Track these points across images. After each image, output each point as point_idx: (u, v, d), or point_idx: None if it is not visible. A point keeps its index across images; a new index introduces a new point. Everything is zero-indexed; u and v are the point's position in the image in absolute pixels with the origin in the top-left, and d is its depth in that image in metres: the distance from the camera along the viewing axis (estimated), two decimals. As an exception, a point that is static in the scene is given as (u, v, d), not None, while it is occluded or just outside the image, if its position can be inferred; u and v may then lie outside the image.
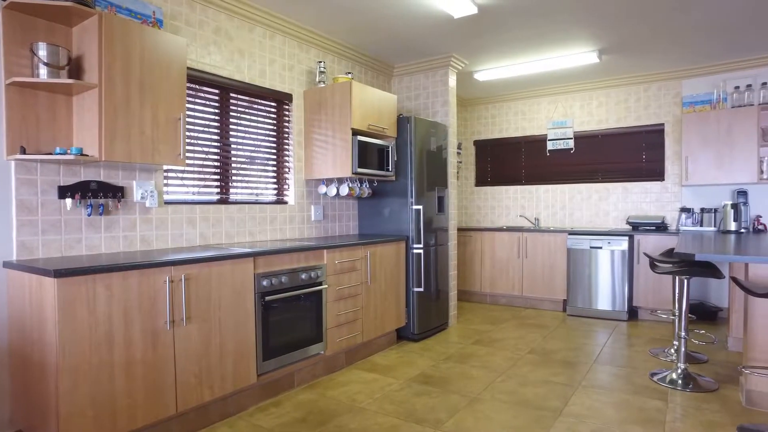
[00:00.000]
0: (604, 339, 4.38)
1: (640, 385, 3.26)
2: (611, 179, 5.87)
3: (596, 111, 5.92)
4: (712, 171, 4.97)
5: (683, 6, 3.70)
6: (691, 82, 5.37)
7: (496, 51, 4.72)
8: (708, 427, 2.64)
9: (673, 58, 5.00)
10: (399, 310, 4.22)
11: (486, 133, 6.72)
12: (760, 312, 2.86)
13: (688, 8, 3.74)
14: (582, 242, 5.30)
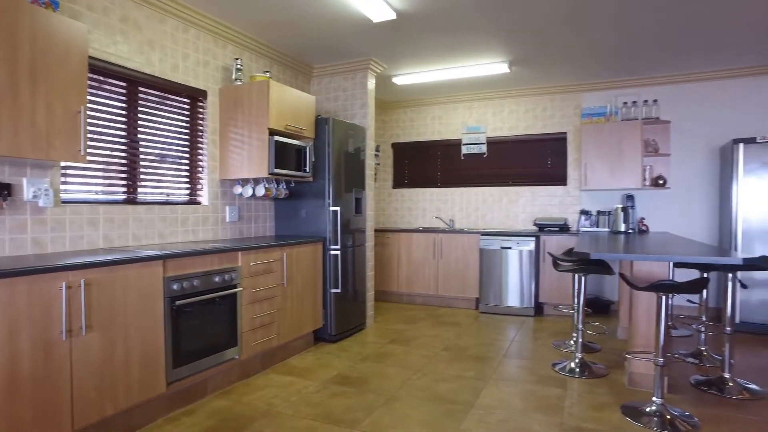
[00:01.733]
0: (513, 334, 4.65)
1: (543, 375, 3.50)
2: (520, 183, 6.23)
3: (507, 118, 6.26)
4: (606, 177, 5.44)
5: (579, 29, 4.02)
6: (589, 95, 5.85)
7: (414, 57, 4.85)
8: (598, 408, 2.89)
9: (573, 73, 5.42)
10: (316, 311, 4.21)
11: (404, 136, 6.88)
12: (643, 304, 3.18)
13: (584, 30, 4.07)
14: (493, 243, 5.58)
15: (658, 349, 2.78)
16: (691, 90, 5.46)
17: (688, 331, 4.70)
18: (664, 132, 5.42)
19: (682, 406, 2.93)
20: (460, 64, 5.10)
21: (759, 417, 2.81)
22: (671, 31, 4.14)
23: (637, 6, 3.64)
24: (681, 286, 2.65)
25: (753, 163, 4.65)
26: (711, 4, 3.61)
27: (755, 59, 4.91)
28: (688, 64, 5.11)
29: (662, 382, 2.80)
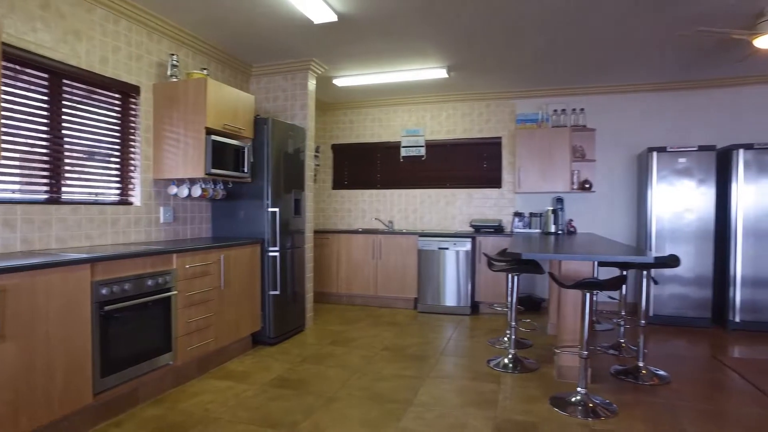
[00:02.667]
0: (450, 333, 4.79)
1: (479, 371, 3.64)
2: (458, 185, 6.42)
3: (445, 122, 6.44)
4: (538, 181, 5.72)
5: (514, 39, 4.22)
6: (523, 102, 6.13)
7: (355, 59, 4.89)
8: (529, 401, 3.05)
9: (508, 81, 5.66)
10: (254, 314, 4.14)
11: (344, 138, 6.90)
12: (570, 301, 3.39)
13: (518, 41, 4.28)
14: (431, 244, 5.71)
15: (583, 342, 2.98)
16: (613, 101, 5.86)
17: (610, 325, 5.04)
18: (590, 139, 5.77)
19: (603, 394, 3.15)
20: (400, 68, 5.19)
21: (665, 400, 3.07)
22: (596, 46, 4.43)
23: (565, 22, 3.87)
24: (603, 283, 2.86)
25: (664, 170, 5.06)
26: (629, 27, 3.90)
27: (667, 76, 5.35)
28: (611, 77, 5.49)
29: (586, 374, 2.99)
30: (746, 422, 2.78)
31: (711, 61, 4.85)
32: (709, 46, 4.35)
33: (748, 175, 4.84)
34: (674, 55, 4.67)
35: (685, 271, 5.01)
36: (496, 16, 3.79)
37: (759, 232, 4.83)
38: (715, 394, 3.21)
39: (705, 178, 4.98)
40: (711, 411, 2.94)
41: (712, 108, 5.59)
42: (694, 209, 5.00)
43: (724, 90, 5.55)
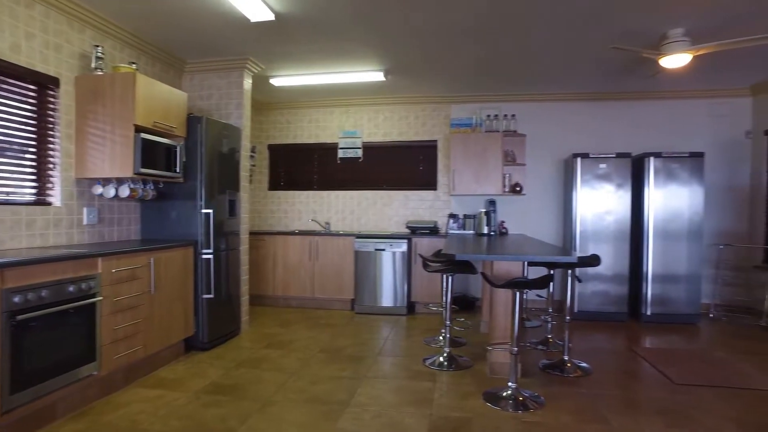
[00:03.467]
0: (387, 333, 4.85)
1: (415, 370, 3.71)
2: (394, 187, 6.51)
3: (382, 124, 6.51)
4: (472, 183, 5.92)
5: (448, 46, 4.35)
6: (458, 107, 6.32)
7: (292, 59, 4.84)
8: (463, 397, 3.15)
9: (444, 85, 5.82)
10: (187, 318, 4.00)
11: (281, 138, 6.80)
12: (501, 300, 3.54)
13: (453, 48, 4.41)
14: (368, 245, 5.76)
15: (513, 339, 3.12)
16: (543, 108, 6.18)
17: (538, 322, 5.30)
18: (521, 144, 6.04)
19: (532, 387, 3.31)
20: (338, 70, 5.19)
21: (588, 390, 3.29)
22: (527, 58, 4.65)
23: (498, 33, 4.04)
24: (532, 282, 3.01)
25: (587, 174, 5.40)
26: (557, 41, 4.14)
27: (591, 87, 5.71)
28: (541, 86, 5.78)
29: (516, 369, 3.14)
30: (656, 406, 3.03)
31: (628, 76, 5.23)
32: (625, 62, 4.69)
33: (657, 181, 5.27)
34: (597, 68, 5.00)
35: (605, 269, 5.37)
36: (432, 23, 3.89)
37: (666, 232, 5.27)
38: (630, 382, 3.47)
39: (622, 182, 5.36)
40: (626, 398, 3.17)
41: (629, 118, 6.03)
42: (613, 212, 5.37)
43: (639, 102, 6.00)
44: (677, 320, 5.27)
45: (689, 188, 5.25)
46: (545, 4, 3.53)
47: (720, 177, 5.91)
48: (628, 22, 3.80)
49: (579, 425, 2.77)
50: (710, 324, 5.29)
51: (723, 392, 3.30)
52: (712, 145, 5.91)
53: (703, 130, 5.94)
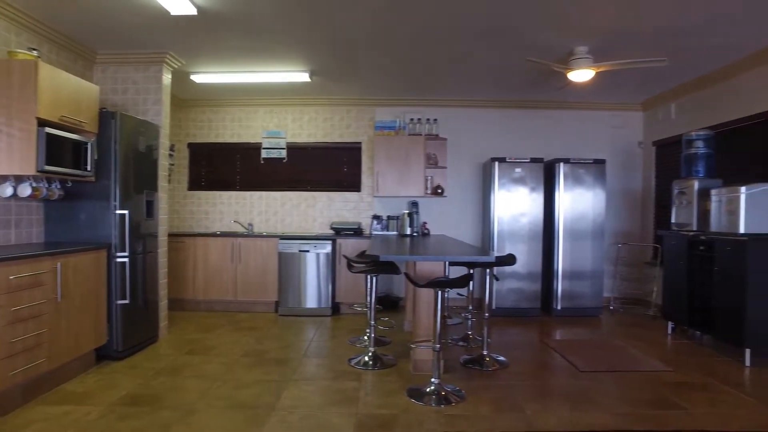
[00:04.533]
0: (312, 334, 4.84)
1: (341, 371, 3.74)
2: (318, 188, 6.50)
3: (307, 125, 6.47)
4: (396, 185, 6.05)
5: (373, 51, 4.43)
6: (382, 110, 6.43)
7: (215, 56, 4.69)
8: (388, 395, 3.24)
9: (369, 88, 5.91)
10: (99, 326, 3.75)
11: (202, 137, 6.55)
12: (424, 299, 3.66)
13: (377, 53, 4.50)
14: (292, 246, 5.71)
15: (436, 337, 3.25)
16: (464, 114, 6.45)
17: (459, 319, 5.53)
18: (442, 147, 6.26)
19: (454, 382, 3.46)
20: (262, 69, 5.10)
21: (505, 382, 3.50)
22: (447, 65, 4.85)
23: (421, 42, 4.18)
24: (453, 281, 3.15)
25: (504, 178, 5.72)
26: (476, 51, 4.35)
27: (509, 95, 6.05)
28: (462, 92, 6.04)
29: (439, 365, 3.27)
30: (564, 392, 3.29)
31: (541, 86, 5.60)
32: (539, 73, 5.02)
33: (566, 184, 5.70)
34: (514, 78, 5.31)
35: (520, 267, 5.71)
36: (358, 27, 3.95)
37: (574, 233, 5.71)
38: (542, 372, 3.73)
39: (536, 186, 5.73)
40: (539, 386, 3.42)
41: (542, 125, 6.46)
42: (528, 213, 5.73)
43: (551, 111, 6.45)
44: (583, 313, 5.72)
45: (593, 192, 5.72)
46: (466, 19, 3.71)
47: (618, 182, 6.49)
48: (540, 37, 4.08)
49: (497, 415, 2.94)
50: (610, 316, 5.80)
51: (619, 376, 3.64)
52: (612, 153, 6.48)
53: (604, 139, 6.50)
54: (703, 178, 4.67)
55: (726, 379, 3.61)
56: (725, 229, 4.17)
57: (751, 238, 3.90)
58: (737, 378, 3.66)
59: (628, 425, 2.81)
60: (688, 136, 4.88)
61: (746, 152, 4.76)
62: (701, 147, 4.76)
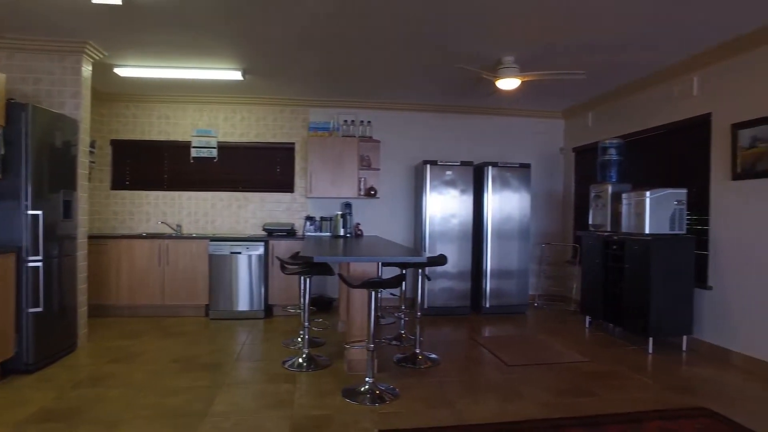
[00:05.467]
0: (245, 337, 4.75)
1: (274, 373, 3.71)
2: (251, 189, 6.37)
3: (239, 124, 6.33)
4: (329, 186, 6.07)
5: (307, 52, 4.43)
6: (316, 111, 6.41)
7: (141, 49, 4.48)
8: (323, 396, 3.25)
9: (302, 89, 5.87)
10: (6, 337, 3.47)
11: (126, 133, 6.22)
12: (357, 299, 3.71)
13: (311, 54, 4.50)
14: (223, 248, 5.56)
15: (369, 336, 3.30)
16: (397, 117, 6.56)
17: (393, 319, 5.63)
18: (376, 150, 6.35)
19: (387, 381, 3.53)
20: (193, 65, 4.94)
21: (437, 379, 3.63)
22: (380, 69, 4.93)
23: (354, 45, 4.22)
24: (386, 282, 3.22)
25: (436, 180, 5.89)
26: (407, 56, 4.46)
27: (441, 100, 6.24)
28: (396, 96, 6.15)
29: (373, 364, 3.33)
30: (492, 386, 3.46)
31: (472, 92, 5.82)
32: (469, 80, 5.22)
33: (494, 187, 5.96)
34: (446, 83, 5.48)
35: (451, 267, 5.90)
36: (293, 28, 3.93)
37: (501, 233, 5.98)
38: (472, 368, 3.90)
39: (466, 188, 5.95)
40: (469, 382, 3.57)
41: (473, 130, 6.71)
42: (458, 214, 5.93)
43: (481, 116, 6.71)
44: (510, 311, 6.01)
45: (519, 194, 6.02)
46: (399, 25, 3.79)
47: (542, 185, 6.88)
48: (470, 46, 4.25)
49: (429, 411, 3.04)
50: (535, 312, 6.14)
51: (543, 368, 3.88)
52: (536, 158, 6.84)
53: (530, 144, 6.86)
54: (615, 183, 5.05)
55: (633, 367, 3.95)
56: (634, 230, 4.55)
57: (654, 238, 4.28)
58: (642, 365, 4.02)
59: (550, 413, 3.01)
60: (602, 144, 5.26)
61: (652, 160, 5.21)
62: (614, 154, 5.15)
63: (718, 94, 4.31)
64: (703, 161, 4.47)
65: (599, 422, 2.89)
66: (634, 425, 2.85)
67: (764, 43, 3.85)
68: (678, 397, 3.31)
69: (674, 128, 4.85)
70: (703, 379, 3.70)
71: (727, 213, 4.21)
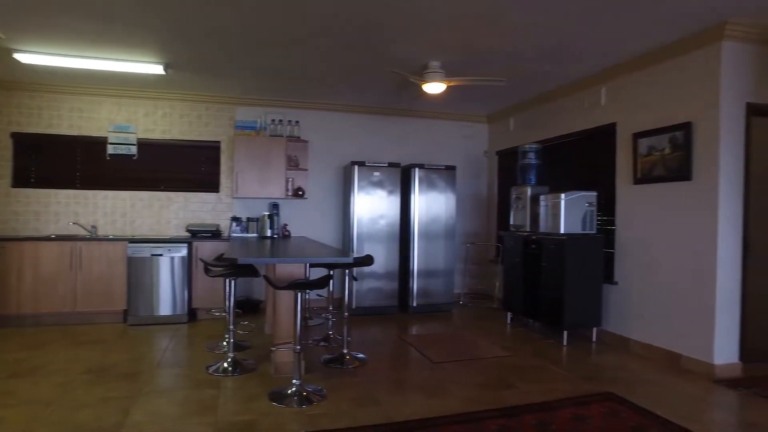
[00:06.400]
0: (167, 343, 4.54)
1: (198, 379, 3.59)
2: (174, 188, 6.10)
3: (161, 121, 6.04)
4: (256, 186, 5.94)
5: (234, 48, 4.32)
6: (243, 109, 6.26)
7: (47, 35, 4.16)
8: (249, 400, 3.19)
9: (229, 86, 5.71)
10: None
11: (30, 126, 5.73)
12: (284, 301, 3.67)
13: (239, 51, 4.40)
14: (143, 250, 5.30)
15: (296, 338, 3.28)
16: (326, 117, 6.54)
17: (320, 320, 5.61)
18: (304, 150, 6.30)
19: (315, 382, 3.53)
20: (109, 56, 4.65)
21: (364, 378, 3.67)
22: (306, 68, 4.90)
23: (283, 44, 4.17)
24: (312, 283, 3.22)
25: (364, 181, 5.94)
26: (337, 58, 4.47)
27: (371, 101, 6.29)
28: (325, 96, 6.13)
29: (300, 366, 3.31)
30: (418, 383, 3.56)
31: (400, 95, 5.93)
32: (398, 82, 5.31)
33: (421, 188, 6.11)
34: (374, 85, 5.54)
35: (378, 267, 5.97)
36: (219, 23, 3.82)
37: (428, 234, 6.14)
38: (400, 366, 3.98)
39: (393, 189, 6.05)
40: (396, 380, 3.64)
41: (400, 132, 6.83)
42: (386, 215, 6.02)
43: (409, 119, 6.85)
44: (437, 309, 6.18)
45: (445, 195, 6.20)
46: (329, 26, 3.80)
47: (467, 187, 7.13)
48: (399, 50, 4.34)
49: (357, 410, 3.07)
50: (460, 310, 6.35)
51: (467, 364, 4.03)
52: (462, 160, 7.09)
53: (456, 147, 7.10)
54: (534, 185, 5.35)
55: (549, 359, 4.21)
56: (550, 230, 4.84)
57: (568, 237, 4.58)
58: (557, 356, 4.29)
59: (474, 407, 3.14)
60: (522, 148, 5.55)
61: (567, 164, 5.57)
62: (533, 158, 5.45)
63: (622, 106, 4.69)
64: (610, 166, 4.85)
65: (518, 413, 3.05)
66: (550, 413, 3.04)
67: (660, 62, 4.25)
68: (589, 385, 3.57)
69: (586, 135, 5.21)
70: (610, 367, 4.01)
71: (630, 214, 4.59)
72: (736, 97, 3.82)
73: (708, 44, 3.84)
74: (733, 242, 3.83)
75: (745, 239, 3.86)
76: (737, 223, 3.84)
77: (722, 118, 3.77)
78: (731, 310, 3.83)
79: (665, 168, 4.18)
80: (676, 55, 4.10)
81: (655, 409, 3.12)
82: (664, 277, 4.21)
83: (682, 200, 4.06)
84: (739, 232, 3.85)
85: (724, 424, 3.00)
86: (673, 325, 4.11)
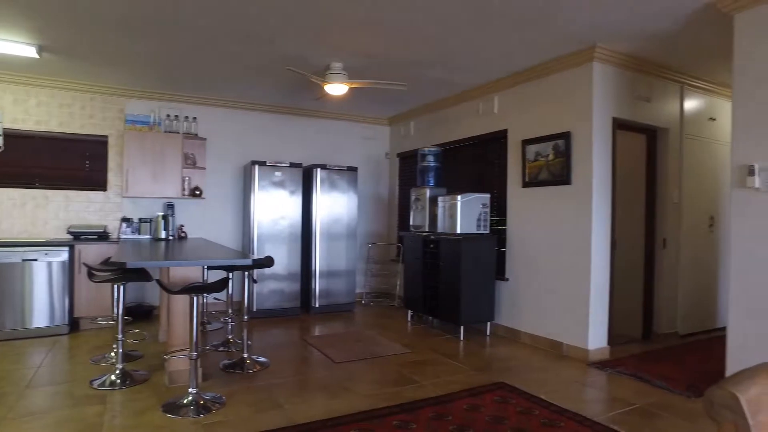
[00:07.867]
0: (41, 359, 4.11)
1: (80, 396, 3.29)
2: (52, 186, 5.52)
3: (35, 110, 5.44)
4: (149, 185, 5.58)
5: (125, 36, 4.03)
6: (134, 102, 5.83)
7: None
8: (140, 414, 3.00)
9: (118, 77, 5.28)
10: None
11: None
12: (179, 306, 3.49)
13: (130, 39, 4.11)
14: (13, 255, 4.74)
15: (192, 344, 3.14)
16: (225, 114, 6.30)
17: (219, 324, 5.40)
18: (202, 148, 6.02)
19: (213, 389, 3.40)
20: (-34, 36, 4.11)
21: (266, 382, 3.61)
22: (204, 62, 4.70)
23: (179, 32, 3.97)
24: (209, 286, 3.10)
25: (264, 181, 5.82)
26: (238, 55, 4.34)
27: (272, 100, 6.17)
28: (224, 93, 5.91)
29: (196, 374, 3.17)
30: (321, 384, 3.57)
31: (301, 95, 5.88)
32: (299, 82, 5.27)
33: (323, 189, 6.12)
34: (275, 83, 5.44)
35: (280, 269, 5.88)
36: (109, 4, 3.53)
37: (330, 234, 6.16)
38: (302, 368, 3.96)
39: (295, 190, 5.99)
40: (298, 382, 3.62)
41: (302, 132, 6.78)
42: (287, 216, 5.94)
43: (311, 119, 6.81)
44: (339, 309, 6.21)
45: (347, 196, 6.26)
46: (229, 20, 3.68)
47: (369, 188, 7.26)
48: (301, 50, 4.31)
49: (257, 415, 3.01)
50: (363, 309, 6.45)
51: (368, 362, 4.11)
52: (364, 162, 7.20)
53: (358, 148, 7.19)
54: (433, 187, 5.58)
55: (447, 353, 4.42)
56: (448, 230, 5.08)
57: (464, 237, 4.84)
58: (455, 351, 4.52)
59: (374, 404, 3.21)
60: (421, 151, 5.77)
61: (464, 167, 5.88)
62: (431, 161, 5.69)
63: (513, 114, 5.06)
64: (502, 170, 5.20)
65: (417, 407, 3.17)
66: (446, 405, 3.20)
67: (545, 75, 4.64)
68: (482, 376, 3.81)
69: (481, 140, 5.54)
70: (502, 358, 4.31)
71: (519, 215, 4.97)
72: (605, 111, 4.30)
73: (583, 63, 4.27)
74: (604, 240, 4.30)
75: (612, 238, 4.35)
76: (607, 224, 4.32)
77: (594, 129, 4.22)
78: (602, 301, 4.30)
79: (549, 173, 4.58)
80: (558, 71, 4.51)
81: (539, 393, 3.41)
82: (547, 272, 4.61)
83: (564, 202, 4.47)
84: (608, 232, 4.33)
85: (594, 400, 3.37)
86: (556, 316, 4.51)
